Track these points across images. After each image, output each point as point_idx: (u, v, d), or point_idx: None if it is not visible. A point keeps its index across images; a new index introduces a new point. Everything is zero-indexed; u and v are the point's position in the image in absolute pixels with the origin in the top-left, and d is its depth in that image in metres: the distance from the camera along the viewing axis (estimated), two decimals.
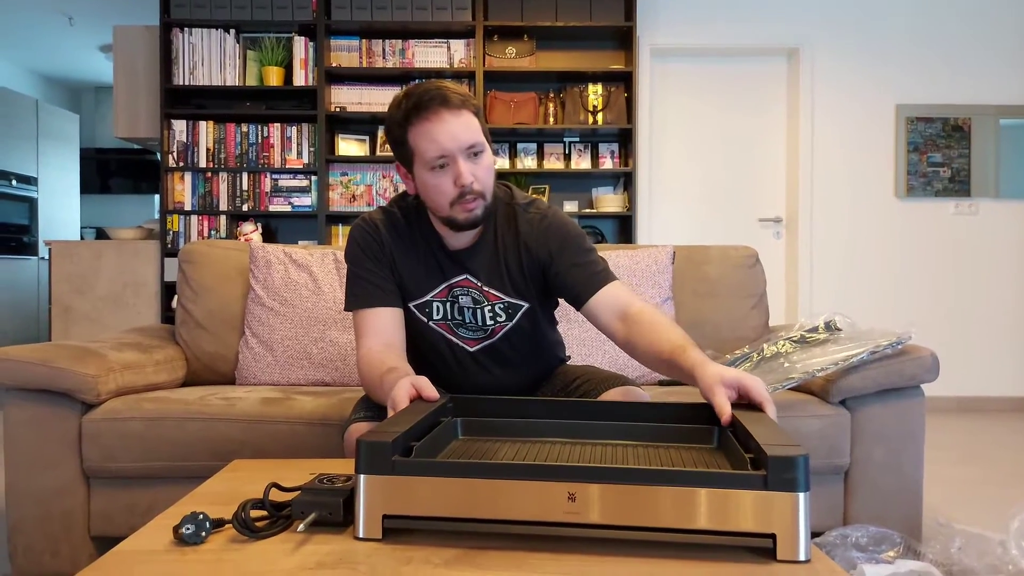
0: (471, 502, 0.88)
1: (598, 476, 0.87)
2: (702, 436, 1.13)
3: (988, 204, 4.44)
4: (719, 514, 0.84)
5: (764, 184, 4.55)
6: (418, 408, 1.11)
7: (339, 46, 4.14)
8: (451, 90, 1.42)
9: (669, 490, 0.85)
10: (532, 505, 0.87)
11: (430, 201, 1.47)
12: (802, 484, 0.83)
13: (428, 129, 1.39)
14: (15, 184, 5.92)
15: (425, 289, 1.55)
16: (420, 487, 0.89)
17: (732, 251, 2.44)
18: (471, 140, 1.40)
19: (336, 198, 4.17)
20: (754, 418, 1.04)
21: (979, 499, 2.60)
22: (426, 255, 1.55)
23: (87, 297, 4.03)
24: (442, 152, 1.39)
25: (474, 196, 1.42)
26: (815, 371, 1.82)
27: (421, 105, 1.40)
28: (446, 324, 1.58)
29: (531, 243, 1.53)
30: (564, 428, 1.17)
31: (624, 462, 1.04)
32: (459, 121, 1.40)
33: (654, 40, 4.36)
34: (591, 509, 0.86)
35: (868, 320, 2.26)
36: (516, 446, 1.12)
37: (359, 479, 0.90)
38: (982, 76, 4.42)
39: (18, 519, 1.82)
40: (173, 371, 2.17)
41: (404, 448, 0.95)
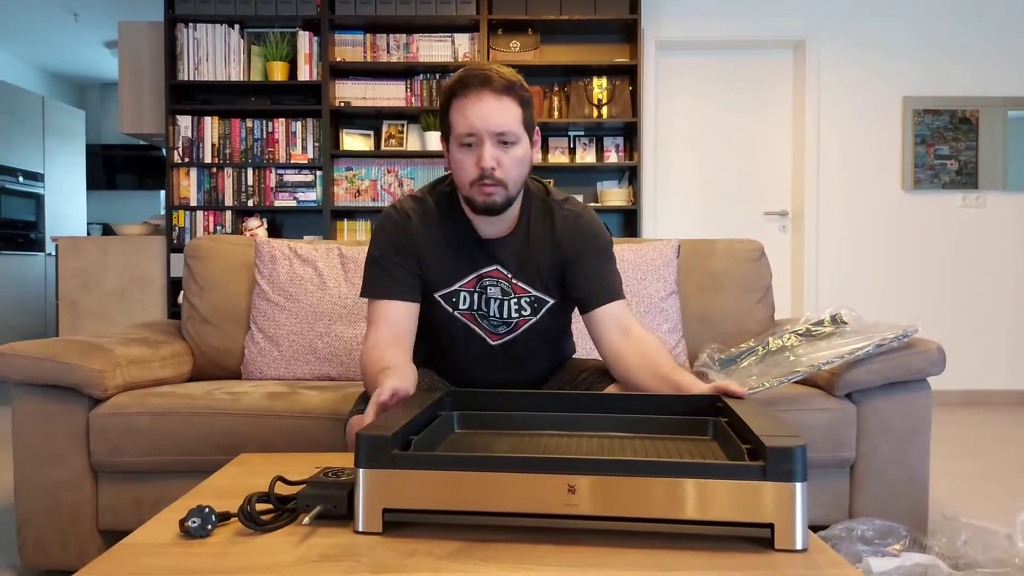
0: (471, 495, 0.89)
1: (597, 468, 0.87)
2: (698, 427, 1.14)
3: (996, 197, 4.42)
4: (718, 504, 0.86)
5: (770, 177, 4.53)
6: (416, 402, 1.12)
7: (343, 41, 4.14)
8: (500, 74, 1.42)
9: (668, 481, 0.86)
10: (532, 498, 0.88)
11: (456, 178, 1.49)
12: (800, 474, 0.85)
13: (464, 106, 1.41)
14: (22, 180, 5.94)
15: (454, 278, 1.55)
16: (420, 481, 0.90)
17: (737, 244, 2.44)
18: (503, 127, 1.40)
19: (341, 193, 4.18)
20: (751, 410, 1.05)
21: (985, 492, 2.59)
22: (457, 244, 1.54)
23: (94, 293, 4.05)
24: (470, 130, 1.40)
25: (493, 182, 1.41)
26: (821, 364, 1.82)
27: (465, 82, 1.42)
28: (471, 315, 1.57)
29: (563, 240, 1.55)
30: (560, 421, 1.18)
31: (621, 454, 1.05)
32: (497, 105, 1.40)
33: (659, 33, 4.35)
34: (591, 501, 0.87)
35: (874, 313, 2.26)
36: (513, 439, 1.12)
37: (359, 473, 0.91)
38: (989, 68, 4.39)
39: (27, 512, 1.83)
40: (179, 366, 2.18)
41: (403, 442, 0.96)
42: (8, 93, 5.83)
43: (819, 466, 1.89)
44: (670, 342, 2.22)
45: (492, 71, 1.43)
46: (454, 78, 1.45)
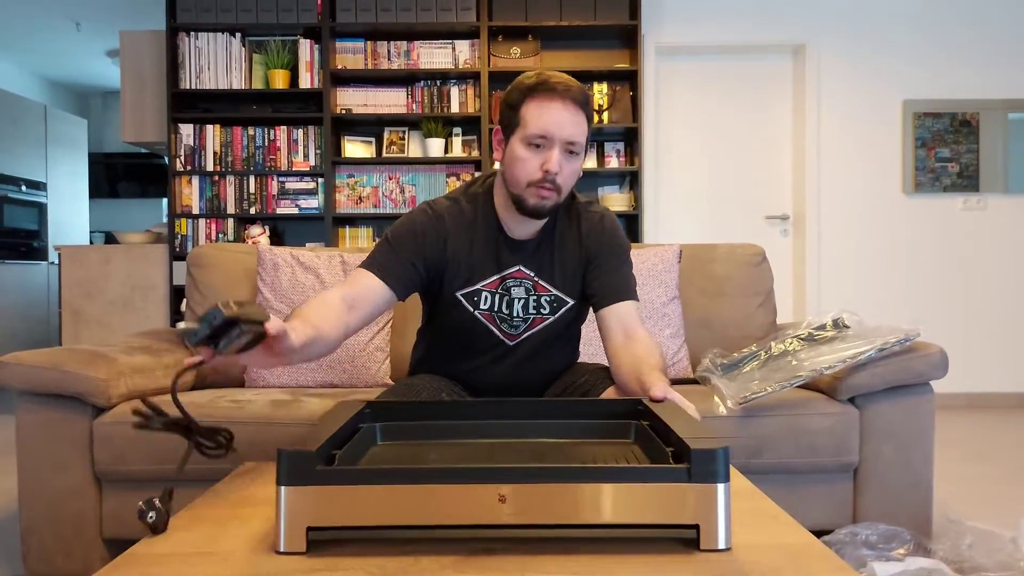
0: (399, 509, 0.86)
1: (528, 476, 0.87)
2: (620, 431, 1.15)
3: (997, 199, 4.42)
4: (646, 507, 0.87)
5: (771, 181, 4.54)
6: (338, 415, 1.08)
7: (344, 48, 4.15)
8: (579, 87, 1.47)
9: (597, 487, 0.87)
10: (462, 509, 0.86)
11: (511, 174, 1.49)
12: (722, 475, 0.87)
13: (544, 107, 1.44)
14: (24, 189, 5.96)
15: (478, 279, 1.57)
16: (346, 496, 0.87)
17: (739, 249, 2.44)
18: (574, 137, 1.45)
19: (343, 200, 4.19)
20: (674, 413, 1.07)
21: (989, 496, 2.59)
22: (485, 244, 1.56)
23: (96, 301, 4.05)
24: (545, 133, 1.43)
25: (552, 187, 1.46)
26: (823, 369, 1.82)
27: (550, 86, 1.44)
28: (491, 315, 1.59)
29: (587, 240, 1.59)
30: (483, 429, 1.17)
31: (548, 461, 1.05)
32: (574, 116, 1.45)
33: (659, 38, 4.36)
34: (521, 509, 0.86)
35: (876, 317, 2.26)
36: (438, 449, 1.11)
37: (280, 491, 0.87)
38: (990, 70, 4.40)
39: (31, 521, 1.83)
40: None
41: (327, 457, 0.93)
42: (10, 102, 5.85)
43: (822, 471, 1.89)
44: (672, 347, 2.22)
45: (572, 82, 1.46)
46: (532, 78, 1.47)
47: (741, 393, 1.83)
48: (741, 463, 1.78)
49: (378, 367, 2.21)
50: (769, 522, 1.03)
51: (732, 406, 1.83)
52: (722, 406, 1.85)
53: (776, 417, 1.85)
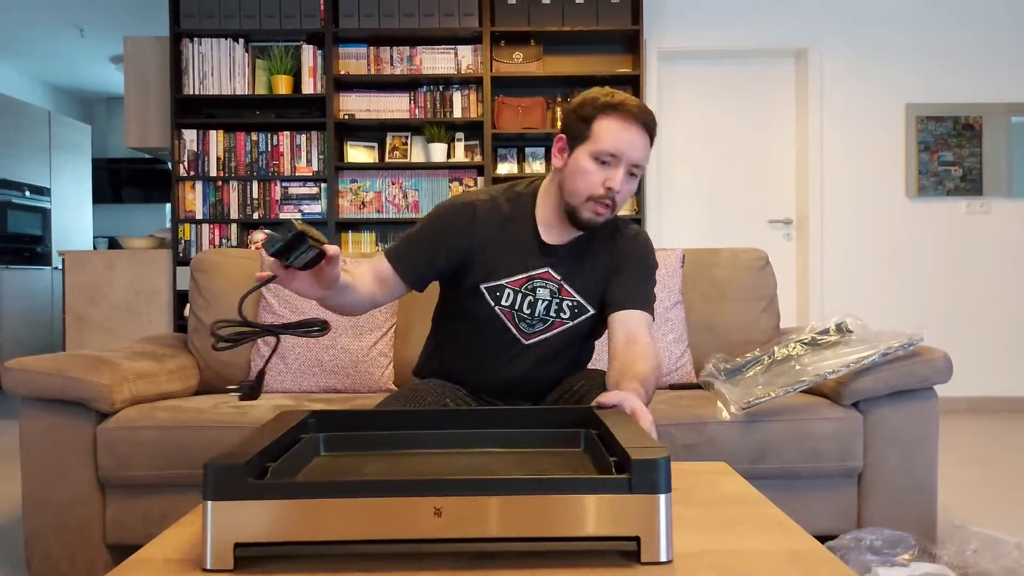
0: (330, 524, 0.84)
1: (463, 488, 0.84)
2: (570, 440, 1.13)
3: (1000, 203, 4.41)
4: (585, 520, 0.84)
5: (774, 185, 4.54)
6: (276, 426, 1.06)
7: (347, 54, 4.16)
8: (653, 118, 1.52)
9: (534, 499, 0.84)
10: (396, 523, 0.84)
11: (571, 184, 1.52)
12: (663, 485, 0.84)
13: (619, 126, 1.48)
14: (28, 195, 5.98)
15: (503, 273, 1.58)
16: (275, 511, 0.84)
17: (742, 253, 2.44)
18: (640, 160, 1.49)
19: (346, 205, 4.19)
20: (620, 421, 1.04)
21: (994, 501, 2.58)
22: (516, 244, 1.58)
23: (100, 306, 4.06)
24: (615, 151, 1.47)
25: (610, 204, 1.50)
26: (826, 373, 1.82)
27: (626, 108, 1.48)
28: (510, 312, 1.60)
29: (619, 250, 1.63)
30: (431, 439, 1.14)
31: (491, 472, 1.02)
32: (644, 139, 1.50)
33: (661, 43, 4.37)
34: (458, 523, 0.84)
35: (879, 321, 2.25)
36: (382, 460, 1.08)
37: (206, 506, 0.84)
38: (992, 74, 4.39)
39: (35, 527, 1.84)
40: (186, 380, 2.18)
41: (259, 470, 0.90)
42: (15, 108, 5.87)
43: (826, 476, 1.88)
44: (675, 352, 2.22)
45: (646, 108, 1.51)
46: (610, 96, 1.50)
47: (745, 398, 1.83)
48: (745, 468, 1.77)
49: (381, 372, 2.21)
50: (773, 528, 1.02)
51: (736, 411, 1.83)
52: (725, 411, 1.85)
53: (780, 422, 1.84)
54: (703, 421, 1.85)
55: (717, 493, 1.20)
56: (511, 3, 4.08)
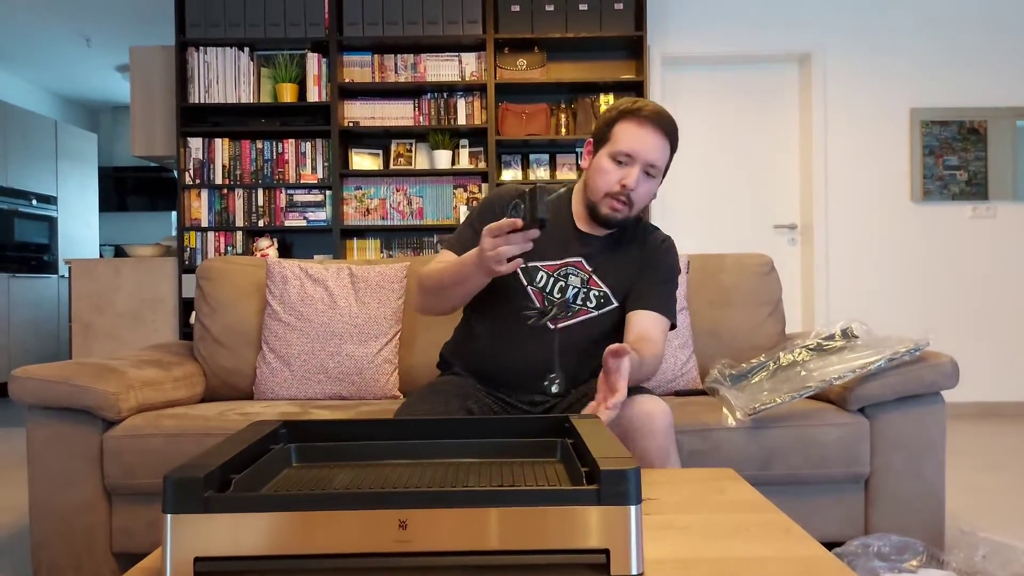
0: (293, 538, 0.82)
1: (428, 501, 0.82)
2: (546, 449, 1.11)
3: (1006, 207, 4.40)
4: (554, 532, 0.82)
5: (778, 190, 4.53)
6: (246, 436, 1.04)
7: (352, 62, 4.18)
8: (671, 122, 1.64)
9: (502, 511, 0.82)
10: (359, 536, 0.82)
11: (592, 183, 1.66)
12: (633, 496, 0.82)
13: (634, 129, 1.60)
14: (35, 204, 6.01)
15: (541, 256, 1.66)
16: (236, 525, 0.82)
17: (747, 259, 2.44)
18: (655, 160, 1.61)
19: (351, 212, 4.20)
20: (594, 431, 1.02)
21: (1003, 506, 2.57)
22: (556, 232, 1.68)
23: (106, 314, 4.07)
24: (631, 152, 1.59)
25: (625, 201, 1.62)
26: (832, 379, 1.81)
27: (643, 112, 1.61)
28: (541, 295, 1.68)
29: (648, 254, 1.74)
30: (405, 449, 1.12)
31: (462, 482, 1.00)
32: (659, 142, 1.61)
33: (665, 49, 4.37)
34: (423, 536, 0.82)
35: (885, 326, 2.25)
36: (353, 471, 1.05)
37: (165, 519, 0.82)
38: (997, 78, 4.39)
39: (41, 535, 1.84)
40: (192, 387, 2.19)
41: (221, 482, 0.87)
42: (21, 117, 5.91)
43: (833, 482, 1.88)
44: (681, 358, 2.22)
45: (665, 113, 1.63)
46: (632, 103, 1.64)
47: (750, 404, 1.83)
48: (751, 475, 1.77)
49: (387, 379, 2.21)
50: (780, 534, 1.02)
51: (741, 417, 1.83)
52: (731, 417, 1.84)
53: (786, 428, 1.84)
54: (709, 427, 1.84)
55: (724, 500, 1.20)
56: (515, 10, 4.09)
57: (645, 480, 1.18)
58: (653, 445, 1.52)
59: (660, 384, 2.18)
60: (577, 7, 4.07)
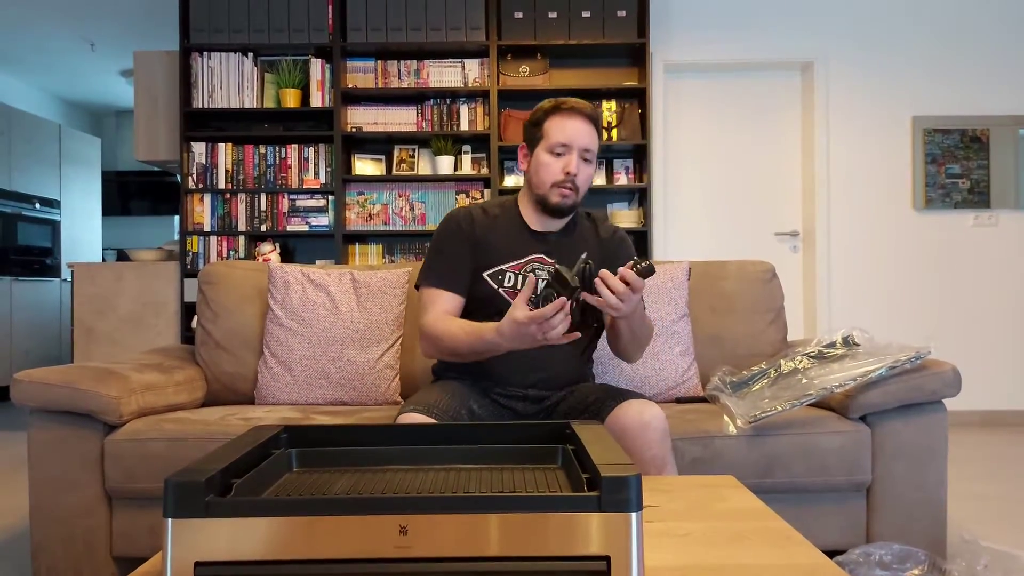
0: (293, 543, 0.82)
1: (428, 506, 0.82)
2: (547, 456, 1.11)
3: (1008, 215, 4.40)
4: (554, 539, 0.82)
5: (780, 198, 4.53)
6: (246, 440, 1.04)
7: (355, 67, 4.19)
8: (593, 109, 1.79)
9: (502, 517, 0.82)
10: (360, 542, 0.82)
11: (536, 178, 1.77)
12: (634, 503, 0.81)
13: (564, 122, 1.74)
14: (38, 207, 6.02)
15: (504, 259, 1.78)
16: (236, 530, 0.82)
17: (749, 266, 2.44)
18: (589, 145, 1.75)
19: (353, 217, 4.21)
20: (595, 437, 1.02)
21: (1005, 516, 2.56)
22: (511, 235, 1.81)
23: (109, 318, 4.08)
24: (566, 141, 1.73)
25: (571, 187, 1.74)
26: (833, 387, 1.81)
27: (567, 105, 1.76)
28: (513, 293, 1.76)
29: (607, 245, 1.86)
30: (406, 454, 1.12)
31: (463, 488, 1.00)
32: (588, 129, 1.75)
33: (667, 56, 4.38)
34: (423, 542, 0.82)
35: (887, 334, 2.25)
36: (354, 477, 1.05)
37: (166, 524, 0.82)
38: (999, 86, 4.39)
39: (41, 539, 1.84)
40: (193, 391, 2.19)
41: (222, 486, 0.88)
42: (25, 121, 5.93)
43: (834, 490, 1.87)
44: (682, 365, 2.22)
45: (586, 103, 1.78)
46: (553, 101, 1.78)
47: (751, 412, 1.83)
48: (752, 482, 1.77)
49: (387, 384, 2.21)
50: (781, 542, 1.02)
51: (742, 425, 1.82)
52: (732, 425, 1.84)
53: (787, 436, 1.84)
54: (710, 435, 1.84)
55: (725, 507, 1.20)
56: (518, 17, 4.10)
57: (646, 487, 1.18)
58: (648, 455, 1.52)
59: (661, 391, 2.18)
60: (580, 14, 4.09)
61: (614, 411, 1.58)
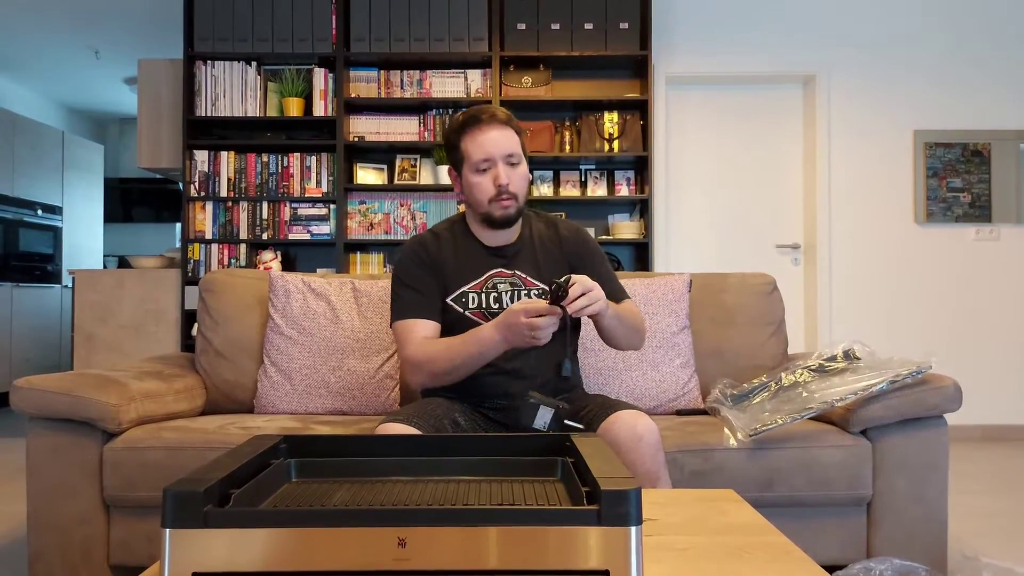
0: (292, 554, 0.82)
1: (427, 518, 0.82)
2: (547, 468, 1.10)
3: (1009, 229, 4.40)
4: (554, 552, 0.81)
5: (781, 210, 4.54)
6: (246, 450, 1.04)
7: (358, 77, 4.21)
8: (500, 111, 1.75)
9: (501, 530, 0.81)
10: (358, 553, 0.81)
11: (472, 199, 1.74)
12: (634, 517, 0.81)
13: (477, 137, 1.70)
14: (40, 213, 6.03)
15: (463, 280, 1.76)
16: (234, 540, 0.81)
17: (750, 278, 2.44)
18: (511, 150, 1.70)
19: (354, 226, 4.21)
20: (594, 450, 1.02)
21: (1006, 531, 2.55)
22: (469, 253, 1.79)
23: (109, 325, 4.08)
24: (487, 156, 1.69)
25: (509, 196, 1.70)
26: (834, 401, 1.81)
27: (474, 118, 1.72)
28: (480, 313, 1.74)
29: (569, 246, 1.83)
30: (405, 466, 1.11)
31: (462, 500, 0.99)
32: (503, 134, 1.71)
33: (670, 68, 4.40)
34: (422, 554, 0.81)
35: (888, 348, 2.24)
36: (353, 488, 1.04)
37: (164, 534, 0.82)
38: (1001, 101, 4.40)
39: (39, 547, 1.83)
40: (193, 400, 2.19)
41: (221, 496, 0.87)
42: (29, 128, 5.95)
43: (835, 504, 1.87)
44: (683, 377, 2.21)
45: (494, 108, 1.74)
46: (460, 117, 1.75)
47: (752, 425, 1.82)
48: (752, 496, 1.76)
49: (387, 394, 2.21)
50: (781, 557, 1.02)
51: (743, 438, 1.82)
52: (732, 438, 1.83)
53: (787, 449, 1.83)
54: (710, 448, 1.83)
55: (725, 521, 1.19)
56: (521, 28, 4.12)
57: (645, 500, 1.18)
58: (642, 470, 1.50)
59: (662, 403, 2.18)
60: (583, 26, 4.10)
61: (605, 422, 1.56)
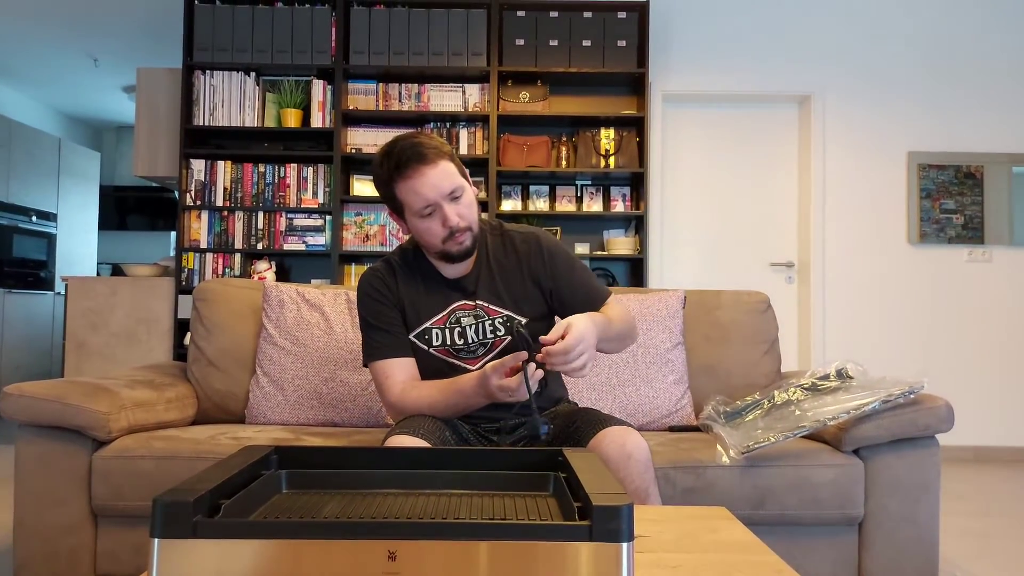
0: (281, 566, 0.81)
1: (418, 532, 0.82)
2: (539, 483, 1.09)
3: (1002, 251, 4.43)
4: (544, 567, 0.81)
5: (776, 229, 4.56)
6: (237, 461, 1.04)
7: (356, 89, 4.22)
8: (425, 145, 1.58)
9: (492, 544, 0.81)
10: (348, 566, 0.81)
11: (423, 242, 1.66)
12: (626, 534, 0.81)
13: (411, 185, 1.57)
14: (35, 220, 6.02)
15: (426, 316, 1.70)
16: (224, 551, 0.81)
17: (744, 296, 2.44)
18: (451, 187, 1.58)
19: (350, 238, 4.21)
20: (587, 465, 1.01)
21: (997, 552, 2.55)
22: (428, 286, 1.71)
23: (101, 333, 4.06)
24: (427, 203, 1.57)
25: (462, 231, 1.61)
26: (827, 419, 1.81)
27: (401, 164, 1.57)
28: (445, 350, 1.70)
29: (531, 263, 1.71)
30: (397, 478, 1.10)
31: (453, 514, 0.99)
32: (437, 172, 1.57)
33: (666, 86, 4.43)
34: (411, 568, 0.81)
35: (880, 367, 2.25)
36: (344, 500, 1.03)
37: (153, 544, 0.81)
38: (994, 124, 4.44)
39: (24, 556, 1.81)
40: (184, 409, 2.17)
41: (210, 507, 0.87)
42: (26, 134, 5.95)
43: (826, 523, 1.86)
44: (676, 394, 2.21)
45: (418, 144, 1.57)
46: (384, 164, 1.60)
47: (744, 442, 1.82)
48: (744, 514, 1.76)
49: (379, 406, 2.20)
50: None
51: (735, 455, 1.82)
52: (725, 456, 1.83)
53: (780, 468, 1.83)
54: (703, 465, 1.83)
55: (716, 539, 1.19)
56: (519, 44, 4.14)
57: (637, 517, 1.17)
58: (632, 487, 1.48)
59: (654, 419, 2.18)
60: (580, 43, 4.13)
61: (595, 439, 1.53)
